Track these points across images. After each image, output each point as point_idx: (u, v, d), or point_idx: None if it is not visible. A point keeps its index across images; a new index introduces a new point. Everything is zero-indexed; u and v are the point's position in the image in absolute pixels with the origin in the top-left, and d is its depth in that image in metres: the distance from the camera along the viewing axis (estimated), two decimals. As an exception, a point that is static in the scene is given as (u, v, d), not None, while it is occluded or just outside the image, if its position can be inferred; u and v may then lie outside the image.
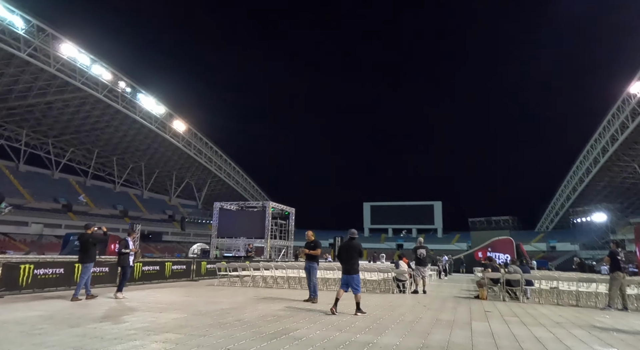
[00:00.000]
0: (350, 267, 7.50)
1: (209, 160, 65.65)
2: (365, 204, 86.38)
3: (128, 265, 9.44)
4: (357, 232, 8.18)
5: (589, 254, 55.12)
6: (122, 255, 9.36)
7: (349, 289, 7.49)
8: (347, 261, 7.55)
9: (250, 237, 29.19)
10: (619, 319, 7.82)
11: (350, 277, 7.46)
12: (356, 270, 7.53)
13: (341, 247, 7.92)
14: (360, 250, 7.76)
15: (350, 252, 7.63)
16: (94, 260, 9.09)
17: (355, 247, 7.71)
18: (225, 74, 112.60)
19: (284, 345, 4.69)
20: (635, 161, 53.59)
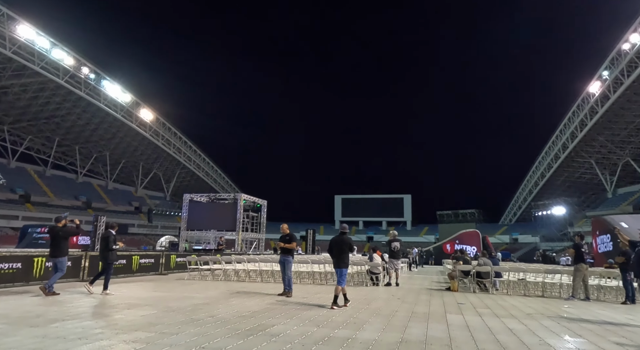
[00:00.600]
0: (340, 261, 7.70)
1: (178, 151, 63.97)
2: (336, 196, 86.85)
3: (115, 260, 9.00)
4: (346, 226, 8.33)
5: (549, 246, 57.77)
6: (110, 251, 8.79)
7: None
8: (338, 255, 7.73)
9: (221, 230, 28.65)
10: (584, 310, 8.13)
11: (339, 270, 7.68)
12: (346, 264, 7.73)
13: (332, 241, 8.04)
14: (350, 245, 7.93)
15: (341, 247, 7.78)
16: (66, 254, 8.68)
17: (345, 241, 7.87)
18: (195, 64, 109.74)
19: (261, 342, 4.53)
20: (593, 157, 56.34)
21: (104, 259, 8.89)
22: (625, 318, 7.15)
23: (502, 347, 4.59)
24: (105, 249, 8.80)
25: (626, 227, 18.91)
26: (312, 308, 7.20)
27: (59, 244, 8.45)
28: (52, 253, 8.50)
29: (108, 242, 8.77)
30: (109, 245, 8.74)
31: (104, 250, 8.82)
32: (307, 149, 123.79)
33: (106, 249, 8.77)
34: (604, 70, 44.91)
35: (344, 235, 7.98)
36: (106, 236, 8.90)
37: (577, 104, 51.48)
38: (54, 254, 8.44)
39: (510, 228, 72.41)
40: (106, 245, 8.77)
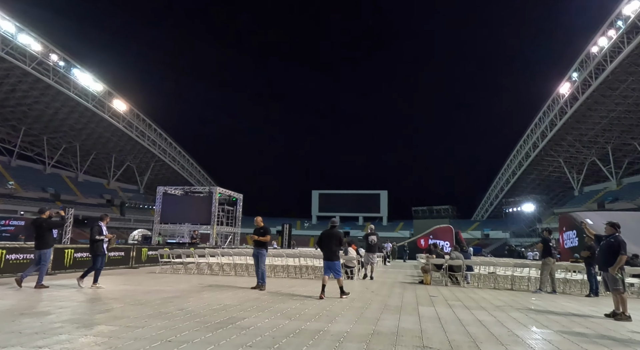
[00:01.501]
0: (331, 254, 7.84)
1: (153, 143, 62.44)
2: (314, 191, 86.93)
3: (102, 254, 8.71)
4: (338, 220, 8.47)
5: (518, 241, 59.63)
6: (95, 243, 8.58)
7: (331, 274, 7.89)
8: (329, 248, 7.86)
9: (196, 223, 28.20)
10: (551, 302, 8.37)
11: (331, 264, 7.83)
12: (337, 257, 7.91)
13: (322, 235, 8.13)
14: (340, 238, 8.07)
15: (331, 240, 7.90)
16: (51, 245, 8.52)
17: (335, 235, 7.99)
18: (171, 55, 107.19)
19: (230, 335, 4.43)
20: (561, 156, 58.33)
21: (89, 251, 8.73)
22: (589, 310, 7.38)
23: (472, 338, 4.63)
24: (90, 240, 8.65)
25: (591, 224, 19.62)
26: (285, 301, 7.12)
27: (43, 236, 8.32)
28: (36, 245, 8.35)
29: (93, 233, 8.59)
30: (92, 236, 8.57)
31: (90, 241, 8.65)
32: (285, 143, 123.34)
33: (90, 239, 8.60)
34: (574, 72, 46.41)
35: (334, 228, 8.09)
36: (92, 227, 8.76)
37: (547, 104, 53.07)
38: (38, 246, 8.31)
39: (482, 224, 74.28)
40: (91, 236, 8.63)
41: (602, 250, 6.93)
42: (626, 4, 36.69)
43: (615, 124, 48.91)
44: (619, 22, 38.33)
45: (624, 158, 54.14)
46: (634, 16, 36.23)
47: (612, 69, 40.45)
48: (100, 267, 8.66)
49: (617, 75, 41.25)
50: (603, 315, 6.66)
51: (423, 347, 4.15)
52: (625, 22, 37.51)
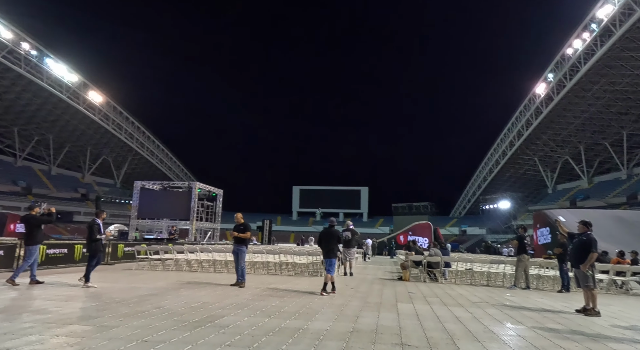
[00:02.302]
0: (330, 252, 8.20)
1: (130, 137, 61.06)
2: (294, 187, 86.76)
3: (100, 251, 8.51)
4: (334, 220, 8.89)
5: (494, 238, 61.01)
6: (95, 241, 8.30)
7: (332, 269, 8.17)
8: (328, 246, 8.24)
9: (174, 219, 27.75)
10: (525, 298, 8.60)
11: (329, 260, 8.18)
12: (335, 254, 8.29)
13: (322, 233, 8.55)
14: (338, 237, 8.50)
15: (330, 238, 8.29)
16: (38, 242, 8.47)
17: (334, 233, 8.40)
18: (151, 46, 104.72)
19: (209, 334, 4.37)
20: (536, 155, 59.92)
21: (87, 250, 8.51)
22: (562, 305, 7.62)
23: (449, 335, 4.71)
24: (88, 239, 8.40)
25: (564, 221, 20.26)
26: (264, 298, 7.08)
27: (31, 232, 8.36)
28: (24, 241, 8.45)
29: (92, 232, 8.31)
30: (92, 235, 8.30)
31: (88, 240, 8.43)
32: (267, 139, 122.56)
33: (89, 238, 8.35)
34: (549, 73, 47.62)
35: (332, 227, 8.51)
36: (90, 225, 8.43)
37: (524, 104, 54.35)
38: (26, 242, 8.38)
39: (459, 220, 75.72)
40: (89, 234, 8.36)
41: (574, 248, 7.14)
42: (600, 7, 37.79)
43: (587, 125, 50.50)
44: (593, 25, 39.49)
45: (595, 157, 56.02)
46: (606, 20, 37.36)
47: (586, 71, 41.69)
48: (97, 264, 8.51)
49: (590, 77, 42.53)
50: (574, 310, 6.88)
51: (402, 345, 4.19)
52: (598, 25, 38.66)
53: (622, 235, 17.47)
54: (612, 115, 47.67)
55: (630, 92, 43.34)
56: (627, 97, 44.17)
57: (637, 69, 39.95)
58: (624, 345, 4.58)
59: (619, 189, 49.81)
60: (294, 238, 66.27)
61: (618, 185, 51.03)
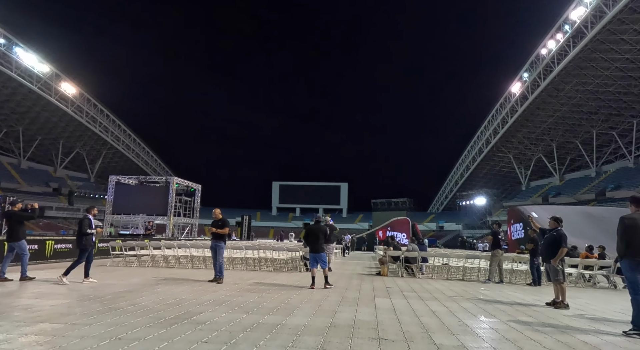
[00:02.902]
0: (318, 247, 8.44)
1: (105, 130, 59.43)
2: (274, 183, 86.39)
3: (92, 247, 8.46)
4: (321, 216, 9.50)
5: (470, 233, 62.44)
6: (85, 236, 8.23)
7: (318, 265, 8.47)
8: (315, 242, 8.47)
9: (151, 214, 27.21)
10: (499, 291, 8.84)
11: (318, 255, 8.43)
12: (322, 249, 8.56)
13: (308, 229, 8.85)
14: (325, 232, 8.79)
15: (317, 234, 8.55)
16: (21, 238, 8.39)
17: (321, 229, 8.69)
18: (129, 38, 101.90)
19: (185, 331, 4.32)
20: (511, 152, 61.47)
21: (78, 245, 8.40)
22: (533, 299, 7.87)
23: (425, 329, 4.80)
24: (78, 234, 8.35)
25: (536, 216, 20.89)
26: (242, 294, 7.05)
27: (13, 229, 8.33)
28: (7, 238, 8.46)
29: (82, 226, 8.27)
30: (82, 230, 8.25)
31: (78, 235, 8.36)
32: (247, 134, 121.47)
33: (79, 233, 8.29)
34: (525, 72, 48.79)
35: (319, 223, 8.88)
36: (80, 220, 8.46)
37: (500, 103, 55.57)
38: (8, 239, 8.40)
39: (437, 216, 77.09)
40: (79, 229, 8.33)
41: (545, 243, 7.37)
42: (573, 9, 38.89)
43: (560, 123, 52.07)
44: (566, 26, 40.62)
45: (567, 155, 57.90)
46: (579, 21, 38.49)
47: (559, 71, 42.90)
48: (91, 261, 8.49)
49: (562, 77, 43.81)
50: (545, 303, 7.12)
51: (379, 339, 4.24)
52: (571, 26, 39.79)
53: (590, 231, 18.14)
54: (583, 114, 49.28)
55: (600, 93, 44.89)
56: (597, 97, 45.73)
57: (607, 70, 41.38)
58: (589, 336, 4.77)
59: (589, 185, 51.66)
60: (273, 234, 66.13)
61: (587, 182, 52.91)
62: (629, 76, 41.28)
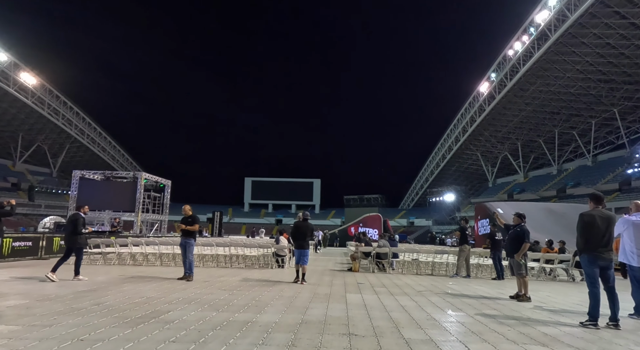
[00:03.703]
0: (303, 243, 8.81)
1: (68, 123, 57.05)
2: (246, 179, 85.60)
3: (85, 245, 8.57)
4: (309, 214, 9.59)
5: (440, 229, 63.98)
6: (79, 235, 8.28)
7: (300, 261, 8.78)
8: (302, 238, 8.85)
9: (118, 211, 26.38)
10: (466, 286, 9.10)
11: (303, 251, 8.75)
12: (307, 246, 8.94)
13: (295, 226, 9.15)
14: (311, 230, 9.12)
15: (303, 231, 8.87)
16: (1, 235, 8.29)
17: (307, 226, 8.98)
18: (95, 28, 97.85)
19: (152, 330, 4.21)
20: (479, 150, 63.31)
21: (72, 243, 8.29)
22: (497, 292, 8.15)
23: (394, 324, 4.88)
24: (72, 233, 8.25)
25: (502, 212, 21.64)
26: (213, 292, 6.95)
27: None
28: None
29: (76, 225, 8.21)
30: (77, 229, 8.19)
31: (71, 233, 8.26)
32: (218, 129, 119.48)
33: (74, 232, 8.22)
34: (492, 73, 50.26)
35: (306, 221, 9.13)
36: (74, 219, 8.36)
37: (469, 102, 57.07)
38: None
39: (408, 212, 78.55)
40: (74, 228, 8.22)
41: (509, 239, 7.64)
42: (537, 12, 40.30)
43: (524, 123, 54.03)
44: (532, 28, 42.06)
45: (531, 153, 60.21)
46: (543, 24, 39.94)
47: (524, 72, 44.44)
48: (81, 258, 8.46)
49: (528, 77, 45.42)
50: (508, 297, 7.39)
51: (349, 335, 4.28)
52: (536, 29, 41.25)
53: (551, 226, 18.96)
54: (546, 114, 51.32)
55: (562, 94, 46.85)
56: (559, 98, 47.72)
57: (568, 72, 43.20)
58: (549, 327, 4.98)
59: (550, 183, 53.93)
60: (245, 230, 65.54)
61: (550, 180, 55.23)
62: (589, 78, 43.27)
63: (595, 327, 4.95)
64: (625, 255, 5.84)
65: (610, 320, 5.05)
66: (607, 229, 5.26)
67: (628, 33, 35.92)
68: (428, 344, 4.01)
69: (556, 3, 37.90)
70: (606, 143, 53.14)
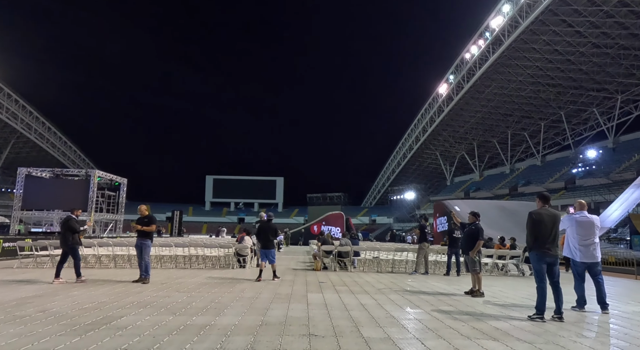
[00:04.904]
0: (268, 243, 9.14)
1: (13, 117, 53.42)
2: (207, 177, 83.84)
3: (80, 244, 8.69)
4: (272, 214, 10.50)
5: (400, 226, 65.53)
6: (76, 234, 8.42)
7: (267, 260, 9.14)
8: (266, 238, 9.15)
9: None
10: (424, 282, 9.36)
11: (267, 251, 9.12)
12: (273, 245, 9.27)
13: (259, 227, 9.51)
14: (275, 230, 9.41)
15: (267, 231, 9.19)
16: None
17: (271, 227, 9.31)
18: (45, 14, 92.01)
19: (103, 338, 4.01)
20: (438, 150, 65.35)
21: (70, 244, 8.33)
22: (453, 288, 8.43)
23: (354, 323, 4.92)
24: (66, 234, 8.31)
25: (458, 210, 22.45)
26: (170, 294, 6.73)
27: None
28: None
29: (72, 226, 8.35)
30: (75, 229, 8.37)
31: (65, 235, 8.33)
32: (178, 125, 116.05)
33: (71, 231, 8.32)
34: (451, 75, 51.94)
35: (270, 221, 9.50)
36: (66, 220, 8.48)
37: (429, 102, 58.72)
38: None
39: (370, 210, 79.84)
40: (68, 229, 8.31)
41: (464, 236, 7.94)
42: (493, 18, 42.05)
43: (480, 124, 56.31)
44: (487, 33, 43.84)
45: (486, 153, 62.92)
46: (497, 29, 41.73)
47: (480, 75, 46.26)
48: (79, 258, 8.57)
49: (483, 80, 47.32)
50: (463, 292, 7.67)
51: (309, 335, 4.27)
52: (491, 34, 43.03)
53: (504, 223, 19.85)
54: (500, 116, 53.75)
55: (514, 97, 49.22)
56: (512, 100, 50.11)
57: (520, 76, 45.44)
58: (500, 322, 5.22)
59: (504, 181, 56.55)
60: (206, 229, 64.16)
61: (503, 178, 57.91)
62: (538, 82, 45.72)
63: (542, 320, 5.23)
64: (569, 251, 6.22)
65: (555, 313, 5.35)
66: (554, 227, 5.58)
67: (573, 40, 38.24)
68: (386, 342, 4.08)
69: (509, 10, 39.68)
70: (554, 144, 56.44)
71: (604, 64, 40.05)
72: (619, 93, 44.20)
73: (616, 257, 13.94)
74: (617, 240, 28.11)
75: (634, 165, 38.83)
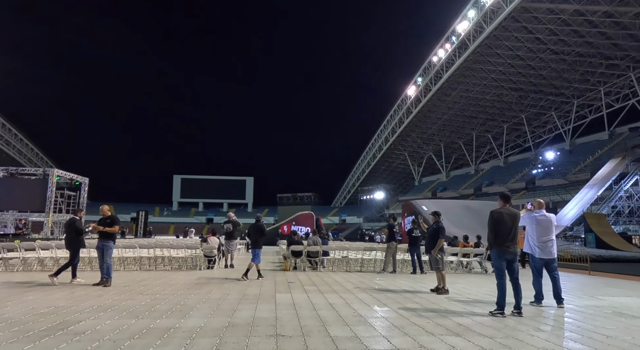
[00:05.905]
0: (256, 243, 9.49)
1: (-37, 111, 50.23)
2: (175, 176, 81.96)
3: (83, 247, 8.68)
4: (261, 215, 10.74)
5: (370, 226, 66.32)
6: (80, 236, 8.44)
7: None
8: (255, 238, 9.53)
9: (25, 211, 23.85)
10: (392, 281, 9.50)
11: (255, 250, 9.47)
12: (260, 245, 9.54)
13: (250, 227, 9.85)
14: (263, 230, 9.75)
15: (256, 232, 9.57)
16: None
17: (259, 227, 9.69)
18: None
19: (59, 343, 3.83)
20: (406, 151, 66.64)
21: (71, 246, 8.36)
22: (419, 286, 8.61)
23: (322, 322, 4.94)
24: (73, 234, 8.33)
25: (426, 209, 22.97)
26: (133, 297, 6.52)
27: None
28: None
29: (77, 228, 8.39)
30: (80, 230, 8.41)
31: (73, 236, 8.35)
32: (144, 123, 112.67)
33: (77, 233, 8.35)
34: (419, 77, 53.09)
35: (259, 222, 9.83)
36: (72, 222, 8.48)
37: (398, 104, 59.77)
38: None
39: (340, 210, 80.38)
40: (73, 231, 8.33)
41: (427, 236, 8.15)
42: (459, 23, 43.30)
43: (447, 125, 57.88)
44: (454, 37, 45.10)
45: (452, 154, 64.74)
46: (463, 34, 43.01)
47: (447, 78, 47.53)
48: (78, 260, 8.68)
49: (450, 83, 48.66)
50: (429, 290, 7.84)
51: (276, 336, 4.25)
52: (457, 38, 44.30)
53: (469, 222, 20.48)
54: (465, 118, 55.44)
55: (479, 99, 50.90)
56: (477, 103, 51.80)
57: (484, 80, 47.03)
58: (464, 318, 5.37)
59: (469, 182, 58.36)
60: (174, 230, 62.63)
61: (468, 179, 59.75)
62: (501, 86, 47.49)
63: (502, 316, 5.43)
64: (529, 247, 6.49)
65: (514, 309, 5.57)
66: (513, 225, 5.80)
67: (534, 46, 39.94)
68: (353, 341, 4.11)
69: (474, 15, 40.97)
70: (515, 146, 58.82)
71: (562, 69, 42.09)
72: (575, 98, 46.60)
73: (571, 253, 14.66)
74: (572, 237, 29.59)
75: (588, 167, 40.99)
